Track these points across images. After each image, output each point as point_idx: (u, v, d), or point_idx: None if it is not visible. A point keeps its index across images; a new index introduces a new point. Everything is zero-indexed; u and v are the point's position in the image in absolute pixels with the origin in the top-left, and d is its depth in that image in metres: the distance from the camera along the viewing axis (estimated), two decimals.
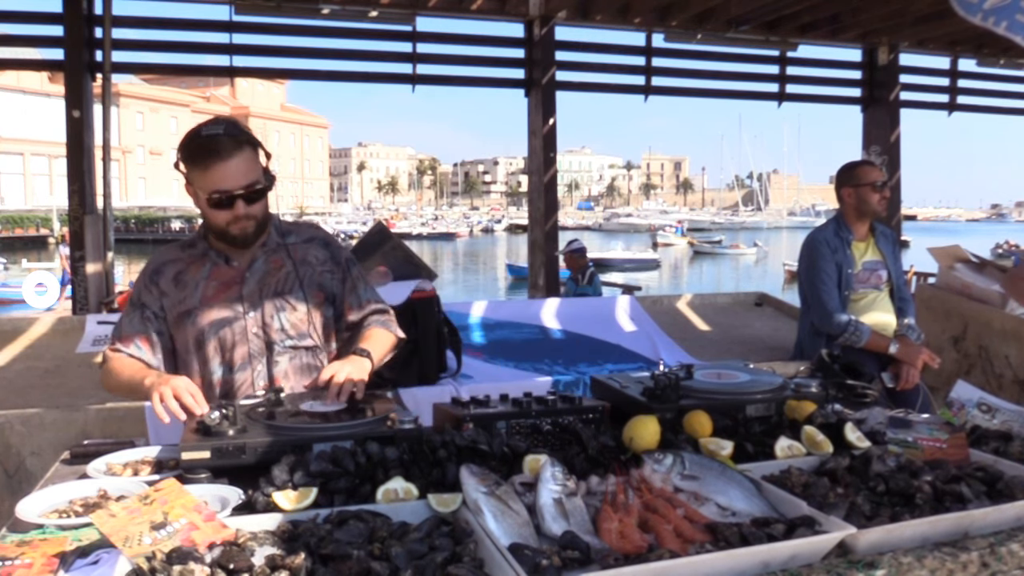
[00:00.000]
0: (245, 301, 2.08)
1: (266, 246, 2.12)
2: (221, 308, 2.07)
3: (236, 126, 2.01)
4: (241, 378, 2.08)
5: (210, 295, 2.08)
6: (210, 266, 2.10)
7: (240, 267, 2.10)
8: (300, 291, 2.11)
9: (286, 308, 2.10)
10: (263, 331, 2.08)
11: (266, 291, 2.09)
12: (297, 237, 2.18)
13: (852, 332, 3.35)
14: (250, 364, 2.08)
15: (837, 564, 1.25)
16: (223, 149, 1.94)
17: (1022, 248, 27.74)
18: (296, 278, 2.12)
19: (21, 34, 5.87)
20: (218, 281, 2.09)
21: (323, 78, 6.57)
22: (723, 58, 7.28)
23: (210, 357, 2.08)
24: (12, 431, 2.90)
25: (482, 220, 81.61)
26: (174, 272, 2.11)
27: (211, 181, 1.96)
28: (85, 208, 5.58)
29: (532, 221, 6.90)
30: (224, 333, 2.07)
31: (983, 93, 8.41)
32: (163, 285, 2.10)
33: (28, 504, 1.49)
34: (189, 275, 2.10)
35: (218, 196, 1.96)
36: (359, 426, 1.71)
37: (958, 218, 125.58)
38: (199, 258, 2.12)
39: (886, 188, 3.47)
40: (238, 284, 2.09)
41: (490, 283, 32.40)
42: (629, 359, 3.87)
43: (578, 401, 1.91)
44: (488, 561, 1.19)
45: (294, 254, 2.14)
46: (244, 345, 2.07)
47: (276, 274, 2.11)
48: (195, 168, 1.98)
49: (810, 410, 1.89)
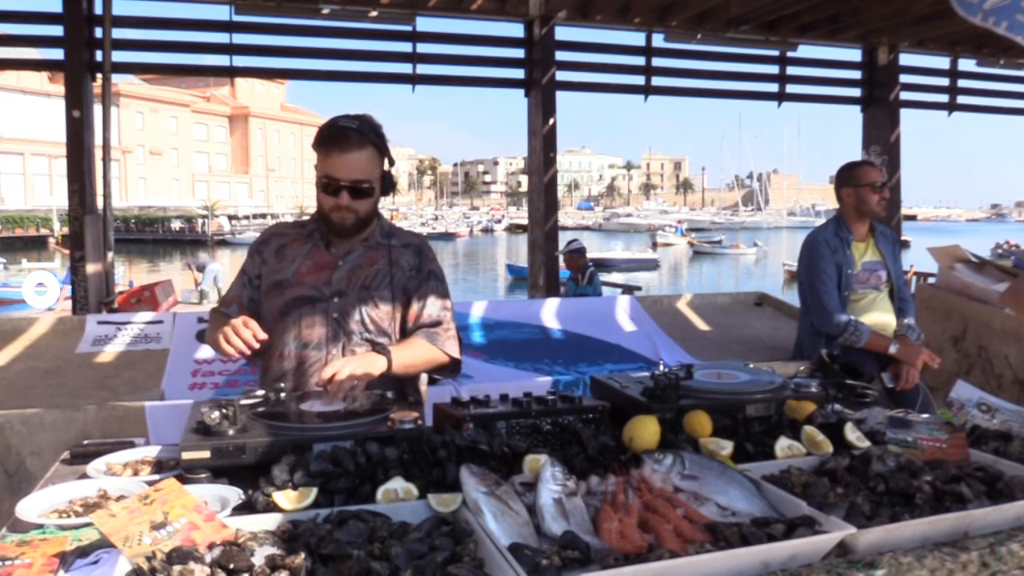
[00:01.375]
0: (332, 286, 2.16)
1: (367, 242, 2.22)
2: (309, 287, 2.16)
3: (369, 123, 2.12)
4: (315, 356, 2.14)
5: (303, 272, 2.17)
6: (311, 246, 2.21)
7: (337, 254, 2.20)
8: (388, 290, 2.19)
9: (369, 303, 2.17)
10: (343, 318, 2.15)
11: (354, 282, 2.18)
12: (398, 240, 2.27)
13: (852, 332, 3.35)
14: (325, 346, 2.14)
15: (837, 564, 1.25)
16: (347, 141, 2.06)
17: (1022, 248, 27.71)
18: (387, 276, 2.19)
19: (21, 34, 5.86)
20: (313, 261, 2.19)
21: (323, 78, 6.56)
22: (723, 58, 7.27)
23: (288, 328, 2.15)
24: (12, 431, 2.90)
25: (482, 220, 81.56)
26: (279, 244, 2.23)
27: (327, 166, 2.08)
28: (85, 208, 5.58)
29: (532, 221, 6.90)
30: (306, 310, 2.15)
31: (983, 93, 8.40)
32: (266, 254, 2.23)
33: (28, 504, 1.49)
34: (290, 249, 2.21)
35: (326, 181, 2.09)
36: (359, 426, 1.72)
37: (958, 218, 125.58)
38: (305, 237, 2.23)
39: (885, 189, 3.46)
40: (330, 269, 2.18)
41: (490, 283, 32.39)
42: (629, 359, 3.87)
43: (578, 401, 1.91)
44: (488, 561, 1.19)
45: (391, 255, 2.22)
46: (323, 327, 2.14)
47: (368, 269, 2.20)
48: (320, 151, 2.11)
49: (810, 410, 1.90)
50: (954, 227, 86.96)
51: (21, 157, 56.12)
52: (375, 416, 1.77)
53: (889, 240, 3.61)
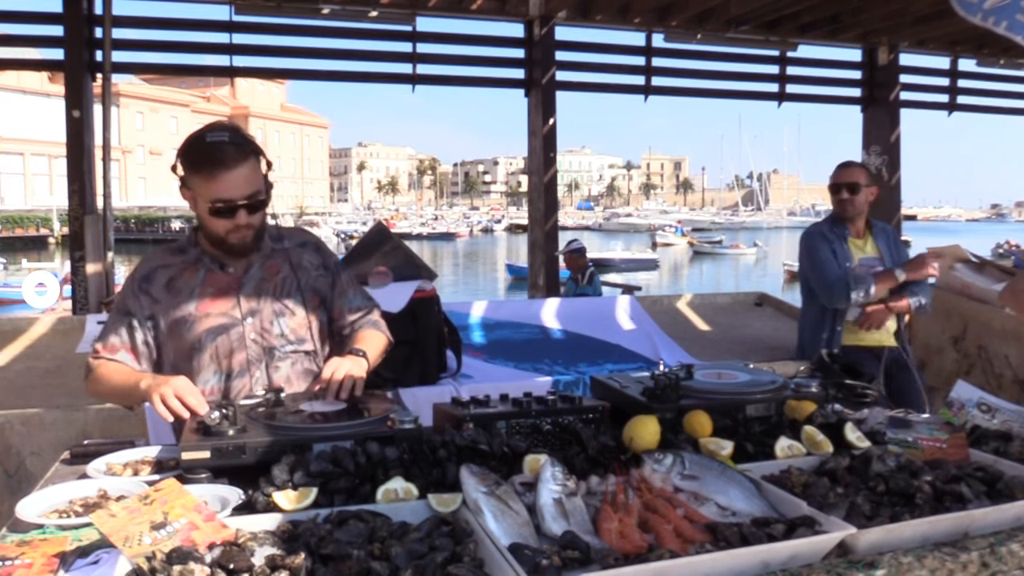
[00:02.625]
0: (243, 307, 2.05)
1: (261, 251, 2.09)
2: (218, 315, 2.03)
3: (240, 134, 1.99)
4: (239, 385, 2.06)
5: (206, 301, 2.04)
6: (204, 272, 2.06)
7: (236, 273, 2.07)
8: (299, 295, 2.10)
9: (285, 313, 2.08)
10: (262, 337, 2.06)
11: (264, 296, 2.06)
12: (290, 242, 2.17)
13: (857, 286, 3.34)
14: (248, 371, 2.06)
15: (837, 564, 1.25)
16: (228, 158, 1.91)
17: (1022, 248, 27.72)
18: (294, 282, 2.10)
19: (21, 34, 5.86)
20: (214, 287, 2.05)
21: (323, 78, 6.56)
22: (723, 58, 7.28)
23: (205, 365, 2.04)
24: (12, 431, 2.90)
25: (482, 220, 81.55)
26: (166, 278, 2.06)
27: (214, 190, 1.92)
28: (85, 208, 5.58)
29: (532, 221, 6.90)
30: (221, 340, 2.03)
31: (983, 93, 8.40)
32: (154, 292, 2.05)
33: (28, 504, 1.49)
34: (183, 281, 2.05)
35: (221, 205, 1.93)
36: (359, 426, 1.71)
37: (958, 218, 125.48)
38: (192, 264, 2.08)
39: (842, 191, 3.48)
40: (235, 290, 2.05)
41: (490, 283, 32.38)
42: (629, 359, 3.87)
43: (578, 401, 1.91)
44: (488, 561, 1.19)
45: (290, 258, 2.13)
46: (242, 352, 2.05)
47: (273, 279, 2.09)
48: (197, 175, 1.94)
49: (810, 410, 1.89)
50: (954, 227, 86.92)
51: (21, 157, 56.11)
52: (375, 416, 1.77)
53: (888, 236, 3.60)
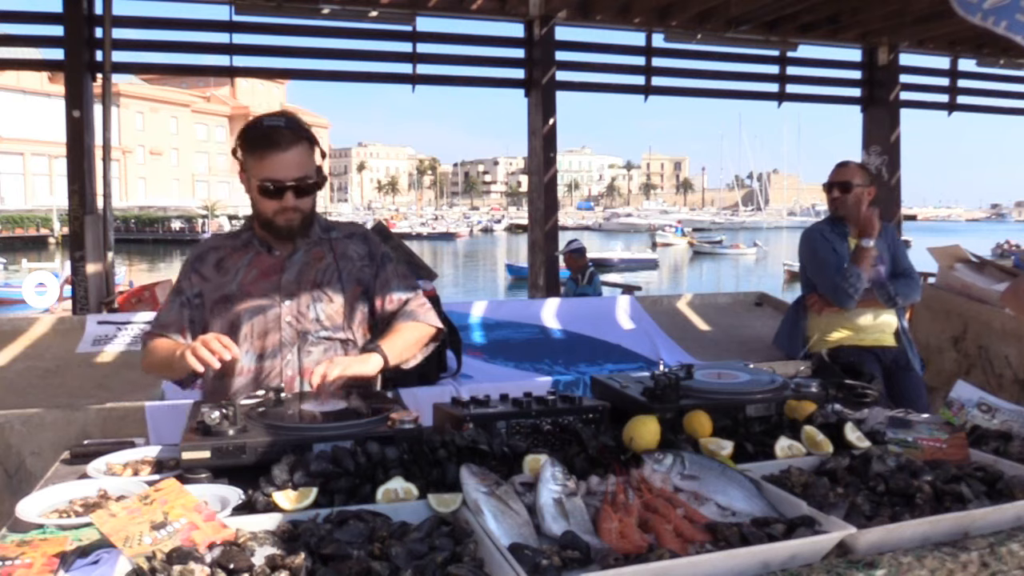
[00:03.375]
0: (282, 290, 2.11)
1: (308, 238, 2.16)
2: (258, 295, 2.11)
3: (297, 120, 2.08)
4: (270, 366, 2.10)
5: (248, 282, 2.12)
6: (252, 254, 2.15)
7: (281, 256, 2.15)
8: (339, 284, 2.15)
9: (323, 299, 2.13)
10: (297, 320, 2.11)
11: (304, 281, 2.13)
12: (339, 233, 2.22)
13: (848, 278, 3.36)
14: (280, 352, 2.10)
15: (837, 564, 1.25)
16: (281, 140, 2.01)
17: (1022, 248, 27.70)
18: (336, 271, 2.16)
19: (21, 34, 5.85)
20: (258, 269, 2.13)
21: (323, 78, 6.56)
22: (723, 58, 7.27)
23: (240, 342, 2.09)
24: (12, 431, 2.90)
25: (482, 220, 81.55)
26: (217, 258, 2.16)
27: (264, 169, 2.01)
28: (85, 208, 5.57)
29: (532, 221, 6.90)
30: (258, 320, 2.10)
31: (983, 93, 8.40)
32: (205, 271, 2.15)
33: (28, 504, 1.49)
34: (231, 262, 2.15)
35: (269, 185, 2.02)
36: (359, 426, 1.71)
37: (958, 218, 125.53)
38: (243, 247, 2.17)
39: (834, 190, 3.50)
40: (277, 273, 2.13)
41: (490, 283, 32.38)
42: (629, 359, 3.87)
43: (578, 401, 1.91)
44: (488, 561, 1.19)
45: (335, 248, 2.18)
46: (276, 333, 2.10)
47: (316, 265, 2.15)
48: (251, 156, 2.03)
49: (810, 410, 1.90)
50: (954, 227, 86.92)
51: (21, 157, 56.15)
52: (375, 416, 1.77)
53: (888, 235, 3.59)
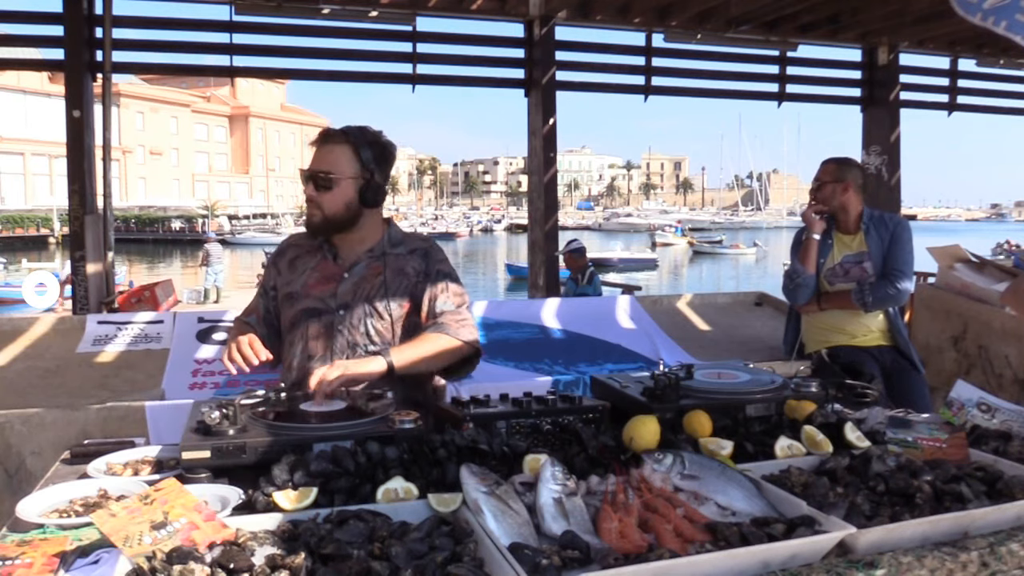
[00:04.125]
0: (338, 299, 2.16)
1: (372, 252, 2.20)
2: (316, 299, 2.17)
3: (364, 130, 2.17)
4: (318, 368, 2.08)
5: (310, 284, 2.19)
6: (320, 258, 2.23)
7: (343, 265, 2.20)
8: (393, 301, 2.17)
9: (374, 315, 2.16)
10: (349, 331, 2.14)
11: (360, 294, 2.17)
12: (404, 248, 2.24)
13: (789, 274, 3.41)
14: (330, 359, 2.12)
15: (837, 564, 1.25)
16: (327, 137, 2.14)
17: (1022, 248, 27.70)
18: (392, 287, 2.18)
19: (21, 34, 5.85)
20: (321, 273, 2.20)
21: (323, 78, 6.56)
22: (723, 58, 7.27)
23: (296, 340, 2.19)
24: (12, 431, 2.90)
25: (482, 220, 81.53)
26: (293, 256, 2.27)
27: (310, 162, 2.15)
28: (85, 208, 5.58)
29: (532, 221, 6.90)
30: (313, 323, 2.16)
31: (983, 93, 8.40)
32: (281, 265, 2.27)
33: (28, 504, 1.49)
34: (302, 261, 2.24)
35: (304, 171, 2.14)
36: (359, 426, 1.72)
37: (958, 218, 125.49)
38: (316, 248, 2.24)
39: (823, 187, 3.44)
40: (336, 281, 2.18)
41: (490, 283, 32.38)
42: (629, 359, 3.87)
43: (578, 401, 1.91)
44: (488, 561, 1.19)
45: (391, 264, 2.20)
46: (330, 339, 2.15)
47: (372, 280, 2.18)
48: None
49: (810, 410, 1.90)
50: (954, 227, 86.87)
51: (21, 157, 56.12)
52: (375, 416, 1.77)
53: (885, 230, 3.44)
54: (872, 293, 3.33)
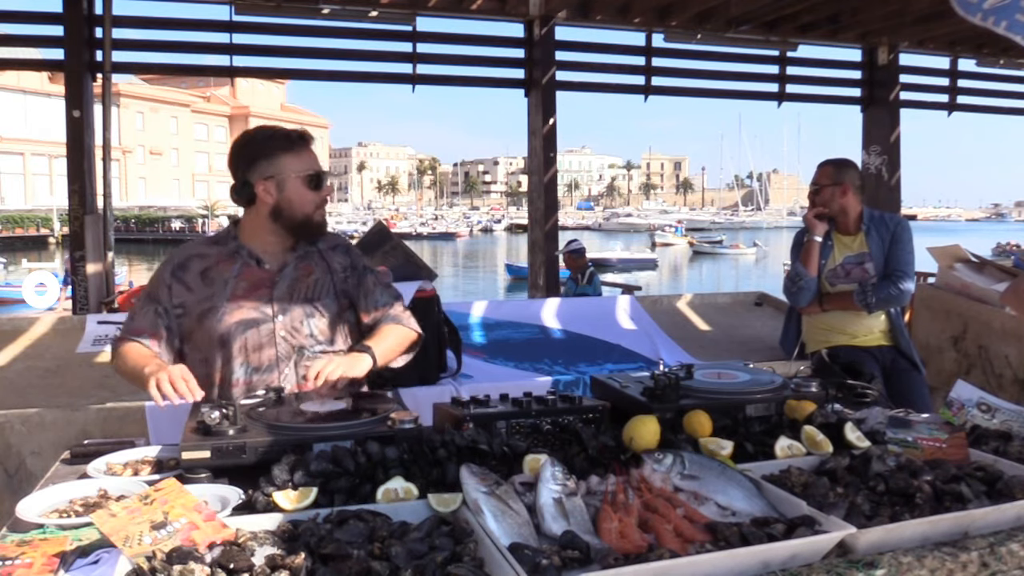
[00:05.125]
0: (275, 304, 2.08)
1: (296, 252, 2.14)
2: (249, 309, 2.07)
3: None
4: (267, 379, 2.08)
5: (239, 295, 2.07)
6: (240, 265, 2.10)
7: (271, 270, 2.11)
8: (331, 297, 2.15)
9: (315, 314, 2.12)
10: (292, 335, 2.09)
11: (296, 296, 2.11)
12: (325, 244, 2.21)
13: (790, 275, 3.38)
14: (277, 367, 2.08)
15: (837, 564, 1.25)
16: (309, 138, 2.11)
17: (1022, 248, 27.70)
18: (328, 284, 2.15)
19: (21, 34, 5.87)
20: (248, 282, 2.09)
21: (323, 78, 6.57)
22: (723, 58, 7.28)
23: (234, 356, 2.07)
24: (12, 431, 2.90)
25: (482, 220, 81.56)
26: (201, 267, 2.10)
27: (308, 163, 2.07)
28: (85, 208, 5.58)
29: (532, 221, 6.90)
30: (251, 334, 2.06)
31: (983, 93, 8.41)
32: (188, 280, 2.09)
33: (28, 504, 1.49)
34: (217, 272, 2.09)
35: (317, 174, 2.08)
36: (359, 426, 1.71)
37: (958, 218, 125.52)
38: (229, 256, 2.11)
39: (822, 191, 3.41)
40: (268, 287, 2.09)
41: (490, 283, 32.38)
42: (629, 359, 3.87)
43: (578, 401, 1.91)
44: (488, 561, 1.19)
45: (322, 262, 2.17)
46: (271, 348, 2.08)
47: (306, 280, 2.13)
48: (288, 155, 2.05)
49: (810, 410, 1.89)
50: (954, 227, 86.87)
51: (21, 157, 56.12)
52: (375, 416, 1.77)
53: (886, 231, 3.44)
54: (875, 294, 3.33)
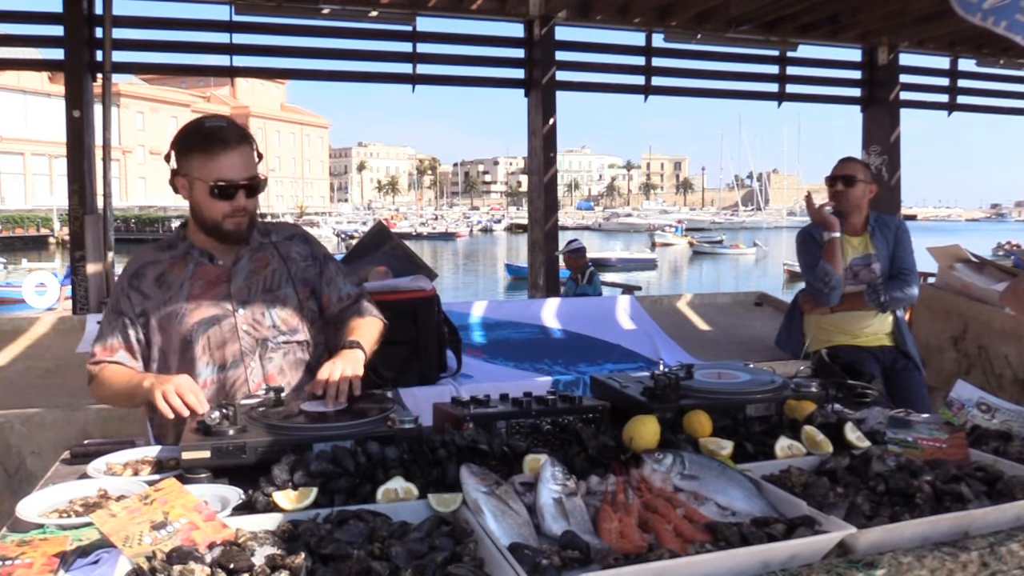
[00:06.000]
0: (233, 299, 2.07)
1: (249, 244, 2.13)
2: (209, 307, 2.05)
3: (235, 123, 2.07)
4: (234, 375, 2.07)
5: (196, 294, 2.06)
6: (194, 265, 2.09)
7: (225, 265, 2.10)
8: (290, 286, 2.13)
9: (276, 304, 2.10)
10: (254, 328, 2.08)
11: (254, 288, 2.10)
12: (279, 236, 2.20)
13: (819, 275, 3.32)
14: (242, 361, 2.07)
15: (837, 564, 1.25)
16: (230, 139, 1.98)
17: (1022, 248, 27.70)
18: (285, 273, 2.14)
19: (21, 34, 5.86)
20: (203, 280, 2.08)
21: (323, 78, 6.56)
22: (723, 58, 7.27)
23: (198, 356, 2.05)
24: (12, 431, 2.90)
25: (482, 220, 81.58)
26: (156, 273, 2.09)
27: (216, 169, 1.97)
28: (85, 208, 5.58)
29: (532, 221, 6.90)
30: (213, 332, 2.05)
31: (983, 93, 8.40)
32: (145, 288, 2.07)
33: (28, 504, 1.49)
34: (172, 275, 2.08)
35: (223, 184, 1.97)
36: (359, 426, 1.71)
37: (958, 218, 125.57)
38: (181, 258, 2.10)
39: (837, 183, 3.42)
40: (225, 282, 2.08)
41: (490, 283, 32.38)
42: (629, 359, 3.87)
43: (578, 401, 1.91)
44: (488, 561, 1.19)
45: (279, 250, 2.16)
46: (235, 343, 2.06)
47: (263, 271, 2.12)
48: (198, 156, 1.99)
49: (810, 410, 1.89)
50: (954, 227, 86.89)
51: (21, 157, 56.13)
52: (375, 416, 1.77)
53: (890, 232, 3.48)
54: (887, 294, 3.36)
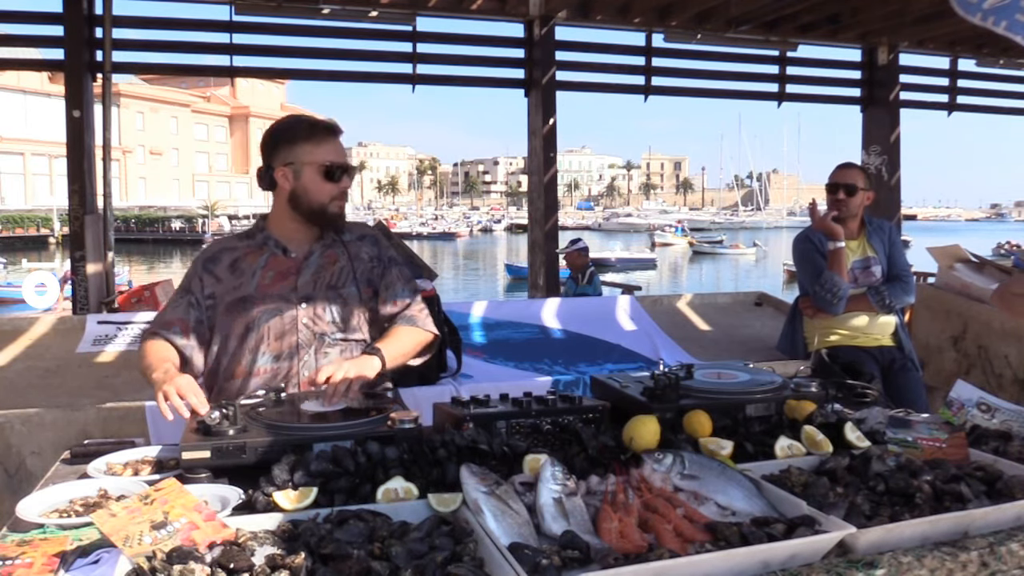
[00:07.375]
0: (298, 292, 2.13)
1: (323, 240, 2.20)
2: (275, 297, 2.12)
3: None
4: (287, 367, 2.12)
5: (266, 284, 2.13)
6: (268, 255, 2.16)
7: (297, 258, 2.17)
8: (353, 286, 2.18)
9: (338, 301, 2.16)
10: (314, 322, 2.13)
11: (320, 284, 2.16)
12: (351, 235, 2.25)
13: (825, 284, 3.32)
14: (297, 354, 2.11)
15: (837, 564, 1.25)
16: (335, 128, 2.15)
17: (1022, 248, 27.72)
18: (351, 272, 2.19)
19: (21, 34, 5.85)
20: (274, 271, 2.15)
21: (323, 78, 6.56)
22: (723, 58, 7.27)
23: (257, 344, 2.11)
24: (12, 431, 2.90)
25: (482, 220, 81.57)
26: (231, 259, 2.17)
27: (327, 153, 2.11)
28: (85, 208, 5.57)
29: (532, 221, 6.90)
30: (275, 322, 2.12)
31: (983, 93, 8.40)
32: (218, 272, 2.15)
33: (28, 504, 1.49)
34: (246, 263, 2.15)
35: (335, 166, 2.10)
36: (359, 426, 1.72)
37: (958, 218, 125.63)
38: (257, 248, 2.18)
39: (839, 191, 3.43)
40: (293, 275, 2.15)
41: (490, 283, 32.38)
42: (629, 359, 3.87)
43: (578, 401, 1.91)
44: (488, 561, 1.19)
45: (349, 250, 2.21)
46: (293, 335, 2.12)
47: (331, 268, 2.18)
48: (305, 144, 2.10)
49: (810, 410, 1.89)
50: (954, 227, 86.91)
51: (21, 157, 56.14)
52: (375, 416, 1.77)
53: (885, 235, 3.52)
54: (891, 295, 3.41)
